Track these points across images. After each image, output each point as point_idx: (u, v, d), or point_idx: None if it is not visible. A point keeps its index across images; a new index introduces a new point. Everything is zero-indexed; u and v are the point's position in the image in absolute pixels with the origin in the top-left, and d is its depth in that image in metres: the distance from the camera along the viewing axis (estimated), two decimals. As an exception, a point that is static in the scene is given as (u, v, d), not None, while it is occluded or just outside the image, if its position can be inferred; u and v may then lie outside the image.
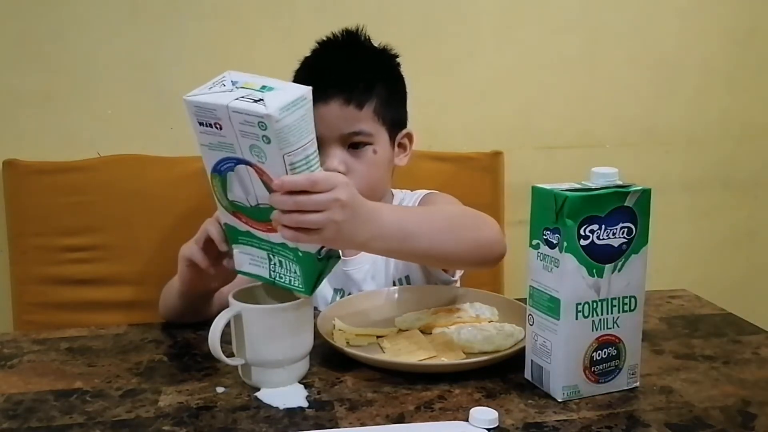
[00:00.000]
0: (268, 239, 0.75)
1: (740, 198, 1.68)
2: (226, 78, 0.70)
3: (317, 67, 1.06)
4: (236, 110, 0.65)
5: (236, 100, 0.66)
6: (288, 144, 0.66)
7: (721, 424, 0.68)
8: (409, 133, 1.12)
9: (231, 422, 0.69)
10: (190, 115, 0.69)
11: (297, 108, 0.66)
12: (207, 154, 0.71)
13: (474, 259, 0.91)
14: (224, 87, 0.68)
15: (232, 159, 0.70)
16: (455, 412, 0.70)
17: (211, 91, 0.68)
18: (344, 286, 1.09)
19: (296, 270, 0.74)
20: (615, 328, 0.72)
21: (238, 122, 0.66)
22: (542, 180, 0.73)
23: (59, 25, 1.38)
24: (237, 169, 0.70)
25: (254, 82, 0.68)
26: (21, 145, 1.38)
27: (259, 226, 0.74)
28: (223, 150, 0.70)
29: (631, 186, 0.71)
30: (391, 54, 1.09)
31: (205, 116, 0.68)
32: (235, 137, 0.67)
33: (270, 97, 0.65)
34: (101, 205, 1.35)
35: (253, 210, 0.73)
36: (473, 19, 1.50)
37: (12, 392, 0.76)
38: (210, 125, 0.68)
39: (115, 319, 1.08)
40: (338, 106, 1.00)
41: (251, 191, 0.71)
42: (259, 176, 0.69)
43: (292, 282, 0.75)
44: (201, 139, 0.70)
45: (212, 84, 0.69)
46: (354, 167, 1.03)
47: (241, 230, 0.76)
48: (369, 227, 0.75)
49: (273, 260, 0.76)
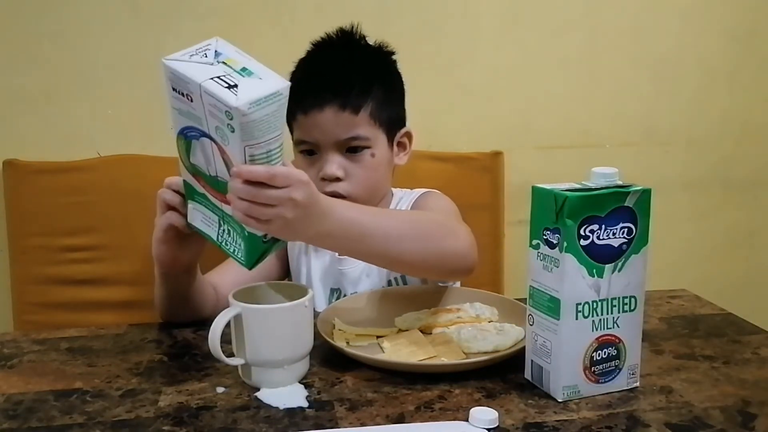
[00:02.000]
0: (222, 208, 0.75)
1: (740, 198, 1.68)
2: (210, 47, 0.69)
3: (311, 71, 1.05)
4: (207, 92, 0.65)
5: (211, 79, 0.65)
6: (252, 137, 0.66)
7: (721, 424, 0.68)
8: (408, 132, 1.11)
9: (231, 422, 0.69)
10: (165, 77, 0.69)
11: (269, 104, 0.65)
12: (176, 116, 0.72)
13: (438, 269, 0.91)
14: (205, 58, 0.67)
15: (198, 130, 0.70)
16: (455, 412, 0.70)
17: (191, 59, 0.67)
18: (339, 285, 1.09)
19: (241, 244, 0.75)
20: (615, 328, 0.72)
21: (208, 103, 0.66)
22: (542, 180, 0.73)
23: (59, 25, 1.38)
24: (201, 140, 0.71)
25: (237, 60, 0.67)
26: (21, 145, 1.38)
27: (216, 194, 0.75)
28: (191, 120, 0.70)
29: (631, 186, 0.71)
30: (386, 51, 1.09)
31: (178, 84, 0.68)
32: (203, 113, 0.67)
33: (244, 86, 0.64)
34: (101, 205, 1.35)
35: (212, 179, 0.74)
36: (473, 19, 1.50)
37: (12, 392, 0.76)
38: (182, 94, 0.68)
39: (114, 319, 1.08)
40: (333, 112, 1.00)
41: (212, 163, 0.72)
42: (220, 154, 0.69)
43: (236, 252, 0.76)
44: (172, 103, 0.70)
45: (195, 51, 0.68)
46: (352, 172, 1.03)
47: (198, 191, 0.78)
48: (318, 224, 0.75)
49: (222, 226, 0.77)
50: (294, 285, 0.83)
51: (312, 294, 0.77)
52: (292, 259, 1.14)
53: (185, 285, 0.93)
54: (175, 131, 0.73)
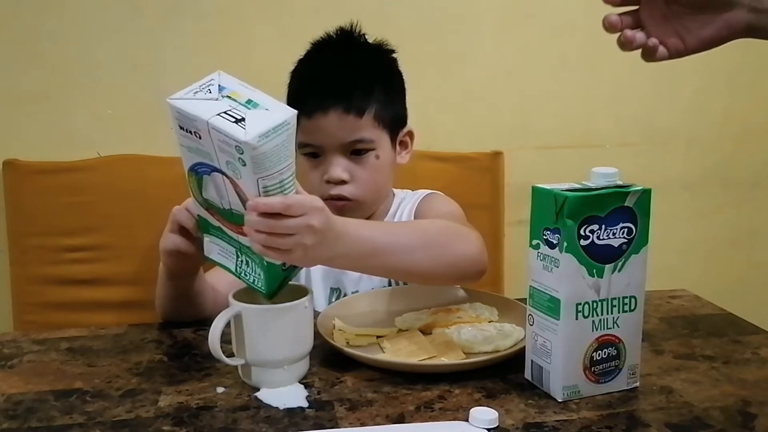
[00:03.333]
0: (238, 239, 0.75)
1: (740, 198, 1.68)
2: (214, 81, 0.68)
3: (313, 74, 1.05)
4: (215, 128, 0.64)
5: (218, 115, 0.65)
6: (264, 169, 0.65)
7: (721, 424, 0.68)
8: (410, 131, 1.11)
9: (231, 422, 0.69)
10: (171, 117, 0.68)
11: (278, 135, 0.65)
12: (185, 153, 0.71)
13: (449, 276, 0.91)
14: (209, 94, 0.67)
15: (208, 165, 0.69)
16: (455, 412, 0.70)
17: (195, 96, 0.67)
18: (340, 285, 1.09)
19: (260, 274, 0.75)
20: (615, 328, 0.72)
21: (217, 139, 0.65)
22: (542, 180, 0.73)
23: (59, 25, 1.38)
24: (213, 175, 0.70)
25: (241, 92, 0.67)
26: (21, 145, 1.38)
27: (231, 227, 0.75)
28: (201, 156, 0.69)
29: (631, 186, 0.71)
30: (387, 50, 1.09)
31: (185, 123, 0.67)
32: (213, 149, 0.67)
33: (252, 119, 0.64)
34: (101, 205, 1.35)
35: (226, 212, 0.73)
36: (473, 19, 1.50)
37: (12, 392, 0.76)
38: (190, 132, 0.67)
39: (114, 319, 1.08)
40: (338, 116, 1.00)
41: (225, 197, 0.71)
42: (233, 188, 0.69)
43: (256, 282, 0.76)
44: (180, 141, 0.70)
45: (199, 87, 0.68)
46: (357, 174, 1.03)
47: (214, 224, 0.77)
48: (335, 247, 0.75)
49: (240, 257, 0.77)
50: (294, 285, 0.83)
51: (312, 294, 0.77)
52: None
53: (189, 286, 0.93)
54: (186, 167, 0.73)
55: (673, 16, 0.73)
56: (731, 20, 0.69)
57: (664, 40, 0.72)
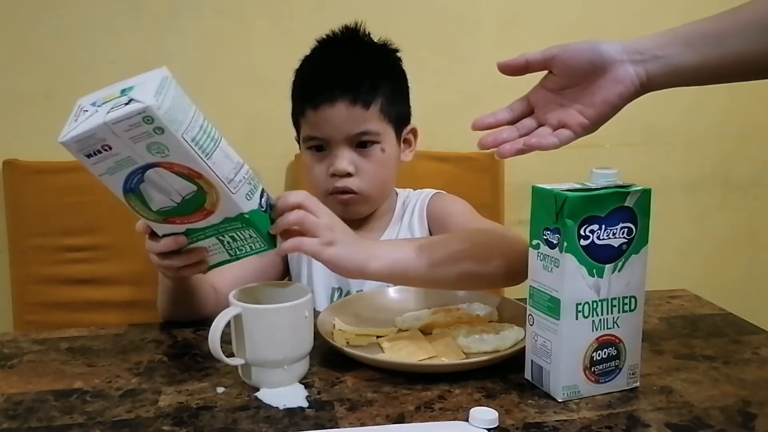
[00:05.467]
0: (210, 224, 0.75)
1: (740, 198, 1.69)
2: (82, 105, 0.68)
3: (320, 67, 1.05)
4: (116, 120, 0.63)
5: (108, 113, 0.64)
6: (179, 123, 0.65)
7: (721, 424, 0.68)
8: (413, 129, 1.12)
9: (231, 422, 0.69)
10: (75, 154, 0.67)
11: (167, 89, 0.65)
12: (110, 180, 0.70)
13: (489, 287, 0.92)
14: (87, 113, 0.66)
15: (136, 171, 0.68)
16: (455, 412, 0.70)
17: (78, 122, 0.66)
18: (341, 284, 1.09)
19: (251, 233, 0.75)
20: (615, 328, 0.72)
21: (124, 131, 0.64)
22: (542, 180, 0.73)
23: (59, 25, 1.38)
24: (147, 177, 0.69)
25: (111, 92, 0.67)
26: (21, 145, 1.38)
27: (195, 217, 0.74)
28: (123, 167, 0.68)
29: (631, 186, 0.71)
30: (392, 49, 1.09)
31: (89, 146, 0.66)
32: (128, 148, 0.66)
33: (137, 94, 0.64)
34: (101, 205, 1.34)
35: (182, 206, 0.72)
36: (474, 20, 1.50)
37: (12, 392, 0.76)
38: (98, 151, 0.66)
39: (114, 319, 1.08)
40: (345, 107, 1.00)
41: (171, 190, 0.70)
42: (170, 170, 0.68)
43: (253, 247, 0.77)
44: (97, 171, 0.69)
45: (73, 118, 0.67)
46: (363, 167, 1.03)
47: (182, 232, 0.77)
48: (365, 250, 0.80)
49: (225, 239, 0.77)
50: (294, 285, 0.83)
51: (312, 294, 0.77)
52: (293, 259, 1.14)
53: (189, 288, 0.94)
54: (121, 194, 0.71)
55: (562, 98, 0.73)
56: (618, 77, 0.69)
57: (565, 121, 0.72)
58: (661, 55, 0.69)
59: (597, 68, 0.70)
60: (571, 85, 0.72)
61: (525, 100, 0.76)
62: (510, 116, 0.75)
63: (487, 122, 0.75)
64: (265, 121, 1.43)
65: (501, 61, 0.74)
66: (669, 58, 0.68)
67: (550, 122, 0.73)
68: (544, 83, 0.75)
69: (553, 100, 0.73)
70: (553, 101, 0.73)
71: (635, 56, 0.69)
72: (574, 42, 0.71)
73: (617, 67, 0.69)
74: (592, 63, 0.69)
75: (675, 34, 0.69)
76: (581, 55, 0.70)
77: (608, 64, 0.69)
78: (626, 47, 0.69)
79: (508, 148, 0.71)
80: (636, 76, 0.69)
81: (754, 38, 0.65)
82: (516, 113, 0.75)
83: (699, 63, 0.67)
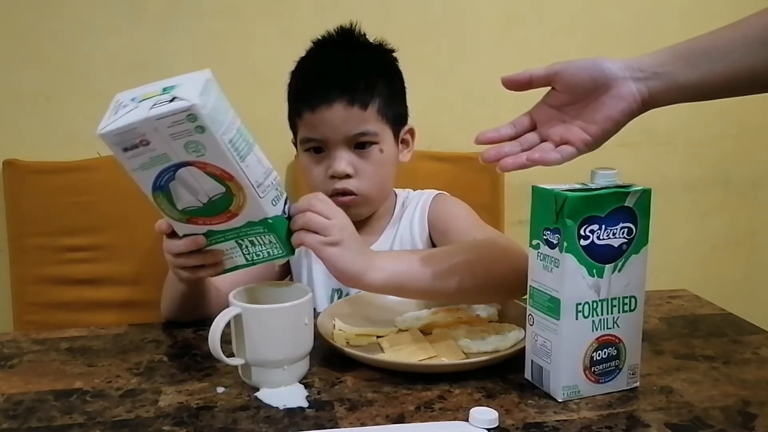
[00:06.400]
0: (231, 227, 0.75)
1: (740, 198, 1.68)
2: (121, 100, 0.69)
3: (316, 68, 1.05)
4: (160, 116, 0.64)
5: (153, 108, 0.64)
6: (220, 124, 0.66)
7: (721, 424, 0.68)
8: (411, 129, 1.12)
9: (231, 422, 0.69)
10: (111, 147, 0.68)
11: (210, 90, 0.66)
12: (141, 176, 0.70)
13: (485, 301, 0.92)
14: (127, 108, 0.67)
15: (169, 168, 0.69)
16: (455, 412, 0.70)
17: (118, 116, 0.67)
18: (341, 285, 1.08)
19: (271, 238, 0.76)
20: (615, 328, 0.72)
21: (166, 127, 0.65)
22: (542, 180, 0.73)
23: (59, 25, 1.38)
24: (178, 175, 0.70)
25: (152, 89, 0.67)
26: (21, 145, 1.38)
27: (218, 219, 0.74)
28: (158, 164, 0.68)
29: (631, 186, 0.71)
30: (388, 49, 1.09)
31: (128, 140, 0.66)
32: (167, 144, 0.66)
33: (181, 92, 0.65)
34: (101, 205, 1.35)
35: (208, 206, 0.73)
36: (473, 19, 1.50)
37: (12, 392, 0.76)
38: (135, 146, 0.67)
39: (115, 319, 1.08)
40: (342, 107, 1.00)
41: (199, 190, 0.71)
42: (203, 170, 0.69)
43: (271, 252, 0.77)
44: (131, 165, 0.69)
45: (112, 111, 0.68)
46: (361, 168, 1.02)
47: (203, 233, 0.77)
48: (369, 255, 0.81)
49: (243, 244, 0.77)
50: (294, 285, 0.83)
51: (312, 294, 0.77)
52: (293, 259, 1.14)
53: (200, 290, 0.94)
54: (149, 192, 0.72)
55: (565, 114, 0.73)
56: (620, 94, 0.70)
57: (567, 137, 0.72)
58: (662, 72, 0.69)
59: (599, 85, 0.70)
60: (574, 102, 0.72)
61: (528, 116, 0.76)
62: (513, 131, 0.76)
63: (490, 137, 0.75)
64: (265, 122, 1.42)
65: (505, 76, 0.75)
66: (669, 75, 0.69)
67: (553, 138, 0.73)
68: (546, 99, 0.75)
69: (556, 117, 0.74)
70: (556, 117, 0.74)
71: (637, 73, 0.70)
72: (577, 59, 0.71)
73: (619, 84, 0.70)
74: (594, 80, 0.70)
75: (675, 51, 0.69)
76: (583, 72, 0.71)
77: (610, 81, 0.70)
78: (628, 65, 0.70)
79: (510, 162, 0.72)
80: (638, 93, 0.70)
81: (753, 53, 0.66)
82: (519, 129, 0.76)
83: (700, 80, 0.68)
